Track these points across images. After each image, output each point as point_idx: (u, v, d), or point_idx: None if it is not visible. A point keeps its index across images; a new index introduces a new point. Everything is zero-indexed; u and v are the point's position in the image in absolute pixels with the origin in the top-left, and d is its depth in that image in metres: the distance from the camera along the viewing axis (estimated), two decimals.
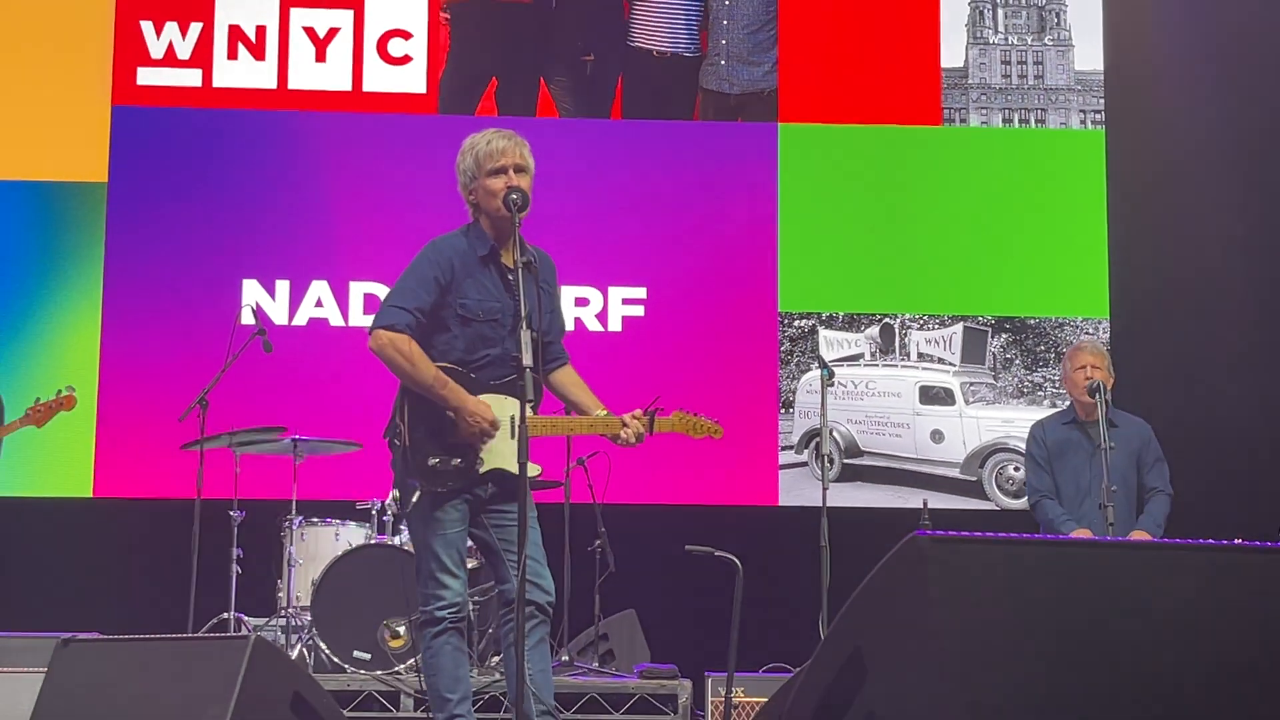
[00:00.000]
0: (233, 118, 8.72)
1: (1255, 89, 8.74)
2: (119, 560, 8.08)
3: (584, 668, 7.41)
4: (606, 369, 7.94)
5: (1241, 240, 8.64)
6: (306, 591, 7.27)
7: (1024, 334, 8.79)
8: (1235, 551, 3.06)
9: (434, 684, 5.25)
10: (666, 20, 8.95)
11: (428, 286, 5.21)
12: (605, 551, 7.50)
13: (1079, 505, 6.90)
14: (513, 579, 4.96)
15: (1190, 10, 8.94)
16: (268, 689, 4.51)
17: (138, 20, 8.75)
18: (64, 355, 8.45)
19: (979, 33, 9.04)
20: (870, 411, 8.73)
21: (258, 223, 8.64)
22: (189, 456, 7.39)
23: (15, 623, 7.19)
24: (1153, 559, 3.00)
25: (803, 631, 6.95)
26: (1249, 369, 8.21)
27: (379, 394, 5.58)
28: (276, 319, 8.48)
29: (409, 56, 8.83)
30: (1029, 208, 8.87)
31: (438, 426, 5.15)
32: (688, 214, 8.77)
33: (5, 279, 8.45)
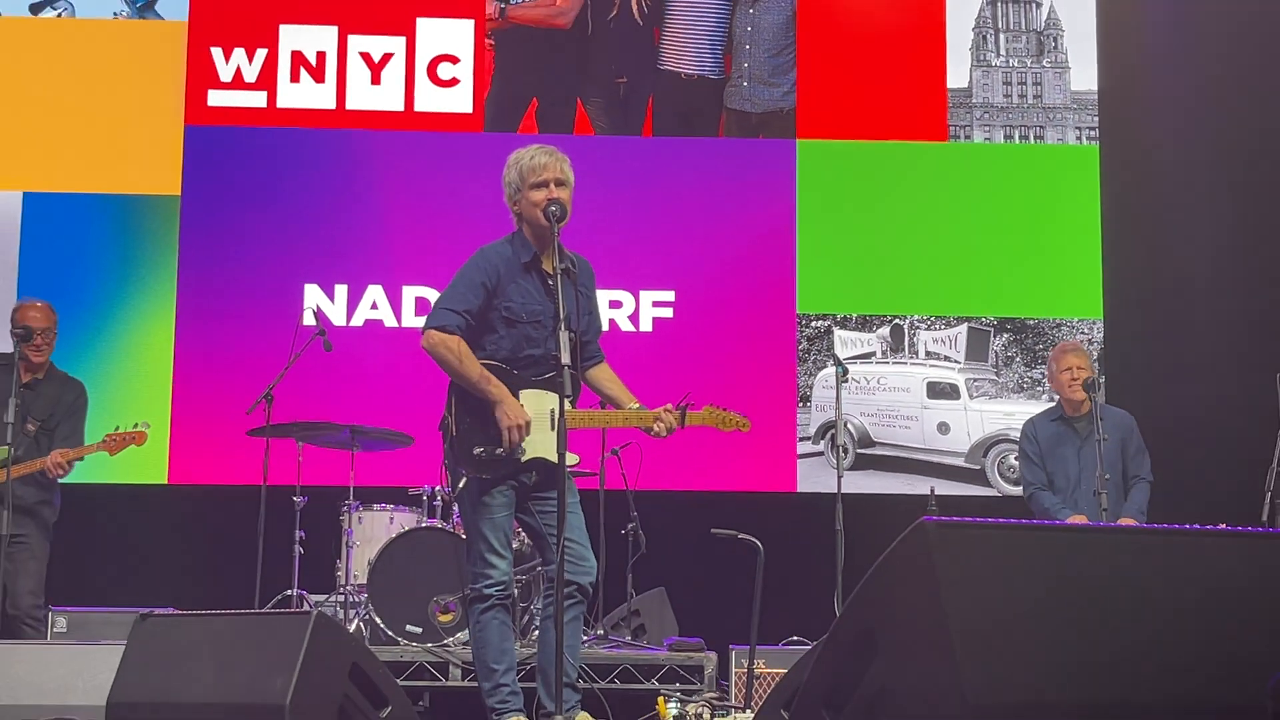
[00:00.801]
0: (295, 136, 8.74)
1: (1238, 108, 8.70)
2: (192, 541, 8.10)
3: (618, 640, 7.41)
4: (638, 367, 7.94)
5: (1225, 247, 8.60)
6: (363, 570, 7.29)
7: (1024, 334, 8.77)
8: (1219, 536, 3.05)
9: (481, 655, 5.26)
10: (693, 45, 8.95)
11: (475, 291, 5.23)
12: (637, 534, 7.51)
13: (1071, 494, 6.89)
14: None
15: (1178, 35, 8.90)
16: (328, 660, 4.52)
17: (208, 47, 8.78)
18: (141, 353, 8.49)
19: (982, 56, 9.02)
20: (881, 405, 8.72)
21: (318, 231, 8.66)
22: (256, 447, 7.41)
23: (98, 599, 7.24)
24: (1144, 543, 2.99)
25: (819, 608, 6.93)
26: (1232, 366, 8.17)
27: (429, 390, 5.59)
28: (335, 320, 8.50)
29: (456, 79, 8.85)
30: (1028, 217, 8.84)
31: (483, 419, 5.16)
32: (713, 223, 8.77)
33: (88, 283, 8.48)
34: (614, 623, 7.59)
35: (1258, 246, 8.56)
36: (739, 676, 6.71)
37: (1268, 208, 8.57)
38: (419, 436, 7.40)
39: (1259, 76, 8.69)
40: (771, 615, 6.40)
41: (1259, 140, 8.64)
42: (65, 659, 5.83)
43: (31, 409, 6.84)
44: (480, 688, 5.31)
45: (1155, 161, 8.87)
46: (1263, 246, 8.55)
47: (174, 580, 7.58)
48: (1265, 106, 8.64)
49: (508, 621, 5.29)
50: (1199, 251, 8.64)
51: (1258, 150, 8.64)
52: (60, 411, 6.97)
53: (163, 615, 5.07)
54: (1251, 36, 8.72)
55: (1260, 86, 8.67)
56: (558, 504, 4.91)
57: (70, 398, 7.05)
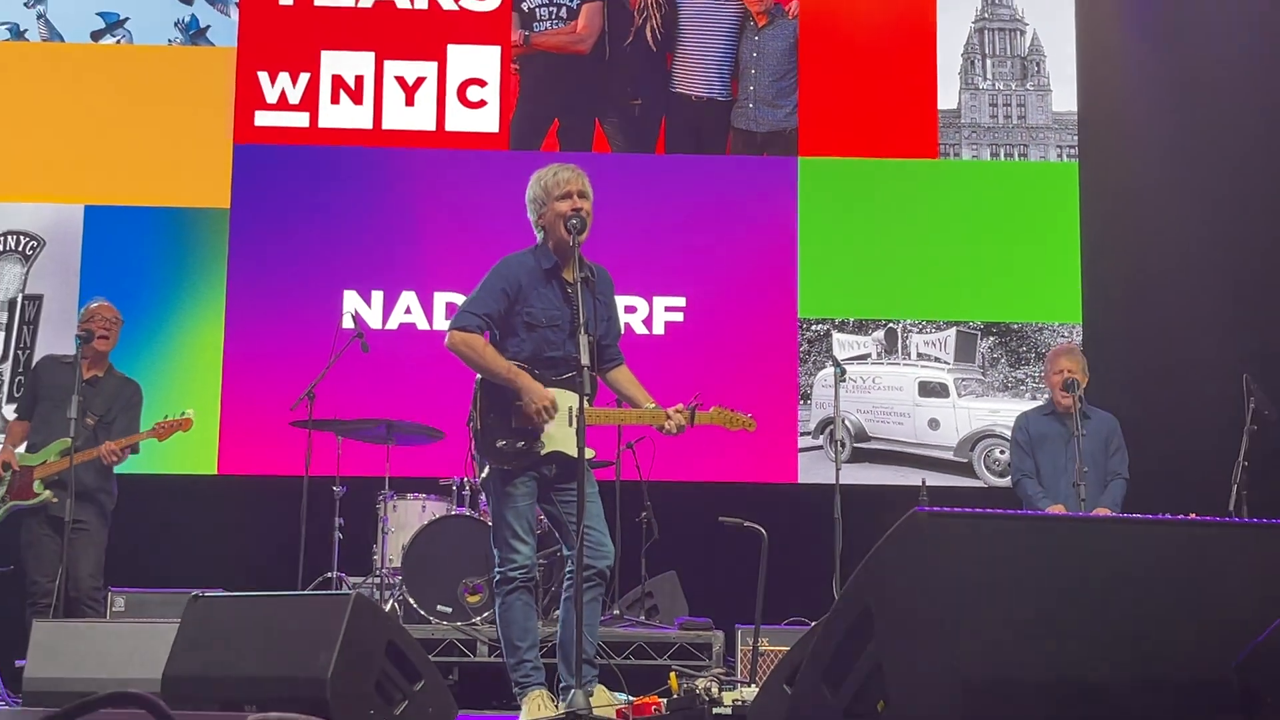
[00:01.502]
0: (335, 153, 8.76)
1: (1208, 127, 8.69)
2: (240, 527, 8.12)
3: (632, 620, 7.42)
4: (651, 367, 7.92)
5: (1195, 256, 8.59)
6: (397, 555, 7.31)
7: (1008, 337, 8.76)
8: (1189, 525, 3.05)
9: (506, 634, 5.27)
10: (703, 69, 8.95)
11: (496, 297, 5.26)
12: (650, 522, 7.52)
13: (1056, 483, 6.90)
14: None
15: (1152, 60, 8.89)
16: (366, 637, 4.53)
17: (255, 71, 8.80)
18: (193, 353, 8.51)
19: (970, 79, 9.01)
20: (876, 403, 8.71)
21: (356, 241, 8.68)
22: (299, 440, 7.43)
23: (154, 581, 7.26)
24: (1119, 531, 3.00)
25: (818, 591, 6.94)
26: (1203, 368, 8.15)
27: (458, 388, 5.60)
28: (372, 324, 8.52)
29: (484, 101, 8.86)
30: (1012, 229, 8.83)
31: (505, 414, 5.18)
32: (721, 234, 8.77)
33: (144, 288, 8.49)
34: (629, 603, 7.60)
35: (1226, 256, 8.56)
36: (745, 653, 6.72)
37: (1235, 220, 8.57)
38: (449, 431, 7.41)
39: (1227, 98, 8.68)
40: (775, 597, 6.40)
41: (1227, 157, 8.64)
42: (124, 636, 5.87)
43: (91, 405, 6.87)
44: (505, 663, 5.33)
45: (1130, 177, 8.86)
46: (1230, 256, 8.56)
47: (223, 563, 7.59)
48: (1233, 125, 8.64)
49: (531, 602, 5.30)
50: (1171, 260, 8.63)
51: (1226, 166, 8.64)
52: (117, 407, 7.00)
53: (213, 596, 5.08)
54: (1222, 60, 8.72)
55: (1228, 107, 8.67)
56: (577, 494, 4.93)
57: (127, 394, 7.08)
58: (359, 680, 4.46)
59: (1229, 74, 8.69)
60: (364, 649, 4.49)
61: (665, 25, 8.93)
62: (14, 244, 8.62)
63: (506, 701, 5.79)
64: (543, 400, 5.11)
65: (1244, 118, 8.62)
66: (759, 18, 8.99)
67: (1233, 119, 8.64)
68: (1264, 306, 8.42)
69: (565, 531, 5.32)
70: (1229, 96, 8.68)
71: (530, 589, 5.30)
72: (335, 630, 4.42)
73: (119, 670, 5.55)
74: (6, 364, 8.52)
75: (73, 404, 6.58)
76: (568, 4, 8.94)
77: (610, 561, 5.27)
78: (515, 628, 5.23)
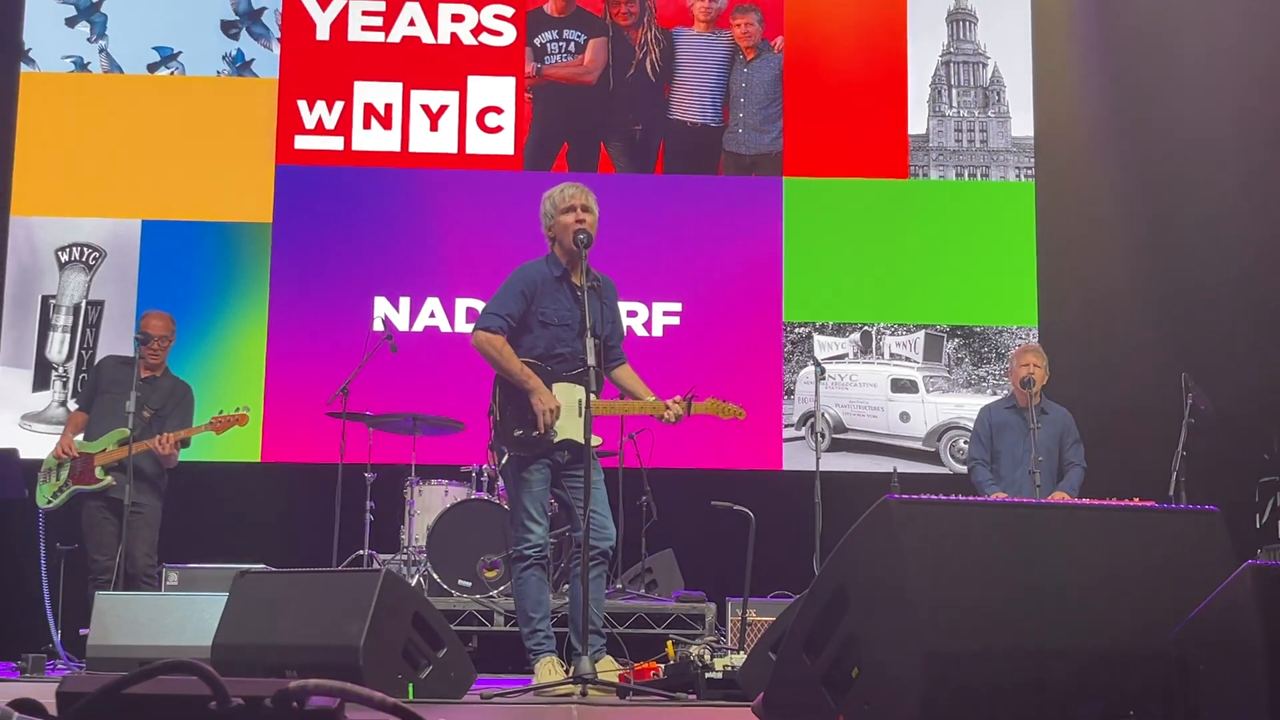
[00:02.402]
0: (367, 174, 8.77)
1: (1151, 150, 8.70)
2: (281, 509, 8.12)
3: (633, 594, 7.43)
4: (651, 366, 7.90)
5: (1139, 266, 8.59)
6: (423, 534, 7.31)
7: (972, 339, 8.77)
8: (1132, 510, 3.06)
9: (521, 606, 5.28)
10: (697, 98, 8.96)
11: (516, 299, 5.28)
12: (650, 505, 7.53)
13: (1014, 471, 6.90)
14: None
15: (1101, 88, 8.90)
16: (394, 609, 4.54)
17: (295, 100, 8.81)
18: (239, 353, 8.52)
19: (938, 107, 9.02)
20: (853, 398, 8.72)
21: (386, 253, 8.69)
22: (334, 431, 7.44)
23: (204, 557, 7.26)
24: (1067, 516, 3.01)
25: (800, 567, 6.95)
26: (1146, 367, 8.16)
27: (478, 385, 5.61)
28: (400, 326, 8.52)
29: (501, 126, 8.86)
30: (975, 241, 8.84)
31: (521, 408, 5.20)
32: (713, 246, 8.77)
33: (195, 295, 8.50)
34: (630, 579, 7.61)
35: (1167, 265, 8.57)
36: (734, 623, 6.73)
37: (1175, 232, 8.57)
38: (469, 423, 7.42)
39: (1169, 122, 8.68)
40: (761, 573, 6.42)
41: (1167, 177, 8.65)
42: (177, 607, 5.88)
43: (148, 400, 6.88)
44: (520, 632, 5.34)
45: (1081, 195, 8.88)
46: (1171, 265, 8.56)
47: (266, 542, 7.60)
48: (1173, 148, 8.64)
49: (544, 577, 5.32)
50: (1118, 269, 8.65)
51: (1166, 185, 8.64)
52: (171, 403, 7.01)
53: (257, 572, 5.10)
54: (1165, 91, 8.72)
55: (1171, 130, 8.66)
56: (584, 480, 4.94)
57: (180, 393, 7.09)
58: (388, 647, 4.48)
59: (1172, 103, 8.69)
60: (392, 619, 4.51)
61: (663, 59, 8.95)
62: (78, 255, 8.63)
63: (521, 667, 5.81)
64: (549, 404, 5.14)
65: (1184, 142, 8.63)
66: (747, 52, 9.00)
67: (1173, 143, 8.65)
68: (1199, 311, 8.42)
69: (572, 513, 5.33)
70: (1171, 123, 8.68)
71: (543, 565, 5.31)
72: (367, 603, 4.44)
73: (172, 639, 5.55)
74: (72, 362, 8.53)
75: (131, 398, 6.60)
76: (576, 39, 8.95)
77: (612, 542, 5.29)
78: (529, 600, 5.25)
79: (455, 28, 8.94)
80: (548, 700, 4.70)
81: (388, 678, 4.38)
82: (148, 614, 5.84)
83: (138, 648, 5.56)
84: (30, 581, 7.43)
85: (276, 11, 8.90)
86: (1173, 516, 3.09)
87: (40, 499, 6.83)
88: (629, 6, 8.99)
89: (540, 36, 8.95)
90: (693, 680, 4.81)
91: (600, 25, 8.98)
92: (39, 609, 7.17)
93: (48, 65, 8.82)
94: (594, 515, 5.04)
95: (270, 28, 8.89)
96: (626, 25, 8.98)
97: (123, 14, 8.86)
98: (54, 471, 6.84)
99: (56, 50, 8.83)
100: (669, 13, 9.01)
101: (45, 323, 8.56)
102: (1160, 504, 5.29)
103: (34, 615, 7.29)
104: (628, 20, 8.99)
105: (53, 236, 8.63)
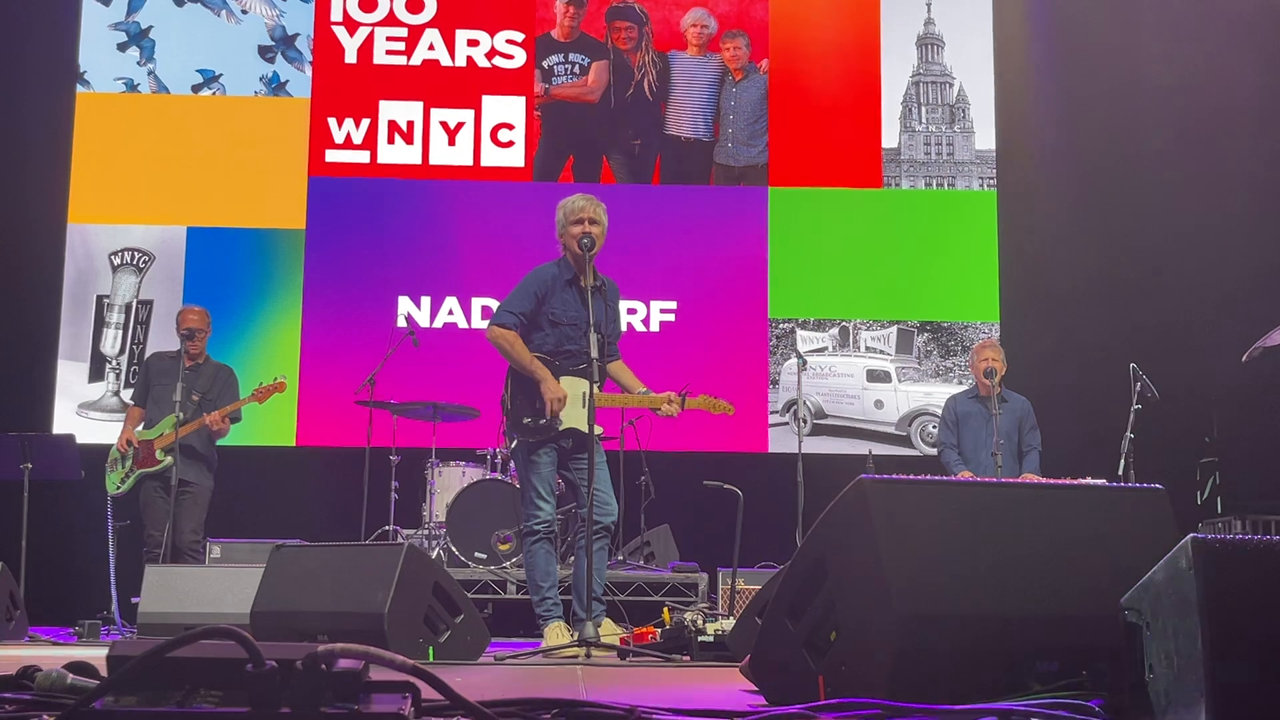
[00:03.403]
0: (390, 185, 8.76)
1: (1104, 160, 8.71)
2: (314, 489, 8.14)
3: (633, 565, 7.44)
4: (649, 357, 7.94)
5: (1092, 266, 8.60)
6: (442, 511, 7.32)
7: (939, 333, 8.76)
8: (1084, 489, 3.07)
9: (531, 576, 5.29)
10: (690, 115, 8.94)
11: (529, 299, 5.28)
12: (648, 484, 7.53)
13: (977, 455, 6.90)
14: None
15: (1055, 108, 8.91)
16: (417, 579, 4.54)
17: (326, 117, 8.80)
18: (276, 349, 8.51)
19: (909, 124, 9.00)
20: (832, 387, 8.72)
21: (408, 256, 8.68)
22: (362, 418, 7.44)
23: (244, 533, 7.28)
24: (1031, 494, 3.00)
25: (784, 540, 6.95)
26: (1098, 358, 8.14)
27: (492, 376, 5.60)
28: (421, 323, 8.52)
29: (512, 141, 8.85)
30: (943, 245, 8.83)
31: (530, 397, 5.20)
32: (705, 250, 8.76)
33: (235, 295, 8.51)
34: (630, 551, 7.62)
35: (1118, 266, 8.58)
36: (725, 591, 6.73)
37: (1126, 235, 8.58)
38: (484, 411, 7.42)
39: (1119, 136, 8.70)
40: (749, 545, 6.42)
41: (1119, 184, 8.66)
42: (219, 578, 5.89)
43: (195, 386, 6.89)
44: (530, 599, 5.34)
45: (1038, 202, 8.88)
46: (1120, 265, 8.57)
47: (300, 518, 7.61)
48: (1123, 159, 8.65)
49: (551, 550, 5.32)
50: (1073, 269, 8.64)
51: (1118, 192, 8.66)
52: (217, 387, 7.01)
53: (292, 546, 5.09)
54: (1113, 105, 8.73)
55: (1120, 143, 8.68)
56: (588, 463, 4.94)
57: (224, 375, 7.10)
58: (411, 614, 4.48)
59: (1121, 118, 8.70)
60: (415, 589, 4.51)
61: (660, 80, 8.93)
62: (129, 259, 8.63)
63: (531, 631, 5.81)
64: (556, 394, 5.14)
65: (1132, 154, 8.64)
66: (736, 73, 8.98)
67: (1122, 155, 8.66)
68: (1146, 307, 8.42)
69: (579, 493, 5.33)
70: (1120, 136, 8.69)
71: (551, 539, 5.31)
72: (391, 573, 4.44)
73: (215, 606, 5.56)
74: (124, 356, 8.53)
75: (177, 388, 6.61)
76: (580, 62, 8.94)
77: (614, 518, 5.29)
78: (538, 571, 5.25)
79: (471, 52, 8.93)
80: (555, 661, 4.70)
81: (410, 642, 4.38)
82: (193, 585, 5.85)
83: (184, 615, 5.57)
84: (85, 555, 7.45)
85: (308, 37, 8.88)
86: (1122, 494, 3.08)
87: (110, 486, 6.86)
88: (629, 32, 8.98)
89: (548, 59, 8.94)
90: (687, 643, 4.81)
91: (602, 49, 8.96)
92: (93, 580, 7.19)
93: (101, 86, 8.81)
94: (597, 493, 5.04)
95: (303, 52, 8.87)
96: (626, 49, 8.97)
97: (169, 39, 8.85)
98: (119, 462, 6.86)
99: (109, 73, 8.82)
100: (665, 38, 9.00)
101: (100, 320, 8.56)
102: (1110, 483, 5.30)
103: (89, 585, 7.31)
104: (627, 44, 8.97)
105: (106, 242, 8.62)
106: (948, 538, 2.68)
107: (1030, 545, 2.75)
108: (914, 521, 2.66)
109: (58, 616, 6.92)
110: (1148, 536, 2.75)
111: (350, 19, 8.92)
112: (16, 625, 6.07)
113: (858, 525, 2.66)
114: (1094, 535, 2.80)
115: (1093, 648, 2.54)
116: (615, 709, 2.19)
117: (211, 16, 8.87)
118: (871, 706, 2.35)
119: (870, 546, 2.61)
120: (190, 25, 8.85)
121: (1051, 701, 2.42)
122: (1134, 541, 2.75)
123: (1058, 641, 2.61)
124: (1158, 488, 2.93)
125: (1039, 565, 2.71)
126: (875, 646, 2.55)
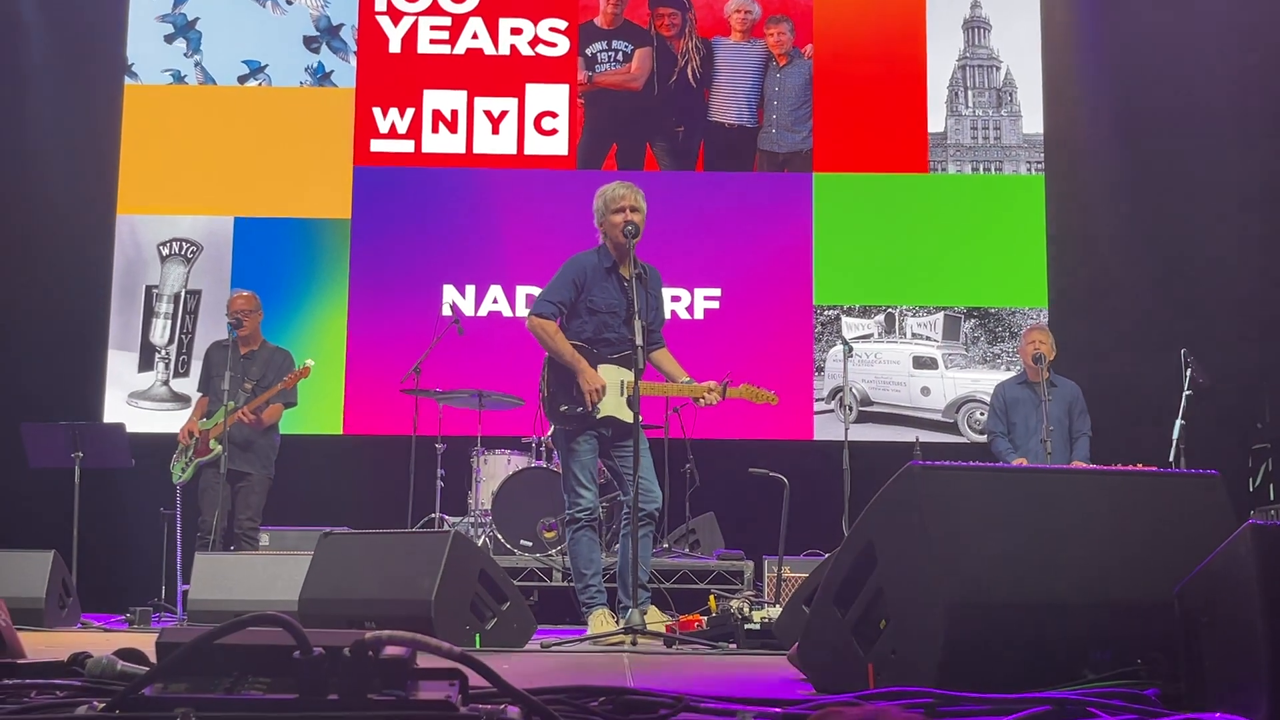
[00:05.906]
0: (435, 174, 8.77)
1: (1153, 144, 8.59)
2: (360, 476, 8.17)
3: (679, 552, 7.43)
4: (693, 345, 7.92)
5: (1140, 250, 8.50)
6: (488, 499, 7.34)
7: (987, 319, 8.68)
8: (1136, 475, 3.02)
9: (575, 564, 5.29)
10: (734, 101, 8.90)
11: (568, 288, 5.27)
12: (693, 472, 7.52)
13: (1027, 441, 6.84)
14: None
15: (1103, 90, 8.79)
16: (463, 567, 4.55)
17: (371, 107, 8.83)
18: (322, 336, 8.55)
19: (955, 107, 8.91)
20: (878, 374, 8.66)
21: (453, 244, 8.70)
22: (408, 406, 7.47)
23: (291, 521, 7.33)
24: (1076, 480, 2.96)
25: (830, 528, 6.91)
26: (1148, 343, 8.06)
27: (537, 364, 5.61)
28: (466, 311, 8.54)
29: (556, 130, 8.84)
30: (990, 230, 8.75)
31: (567, 385, 5.20)
32: (750, 237, 8.73)
33: (282, 284, 8.55)
34: (675, 539, 7.61)
35: (1167, 250, 8.48)
36: (771, 579, 6.71)
37: (1174, 220, 8.47)
38: (529, 399, 7.41)
39: (1169, 118, 8.58)
40: (794, 533, 6.40)
41: (1169, 167, 8.54)
42: (267, 565, 5.92)
43: (248, 372, 6.94)
44: (574, 587, 5.34)
45: (1086, 186, 8.78)
46: (1170, 250, 8.47)
47: (348, 506, 7.66)
48: (1173, 141, 8.53)
49: (595, 538, 5.32)
50: (1121, 253, 8.55)
51: (1168, 175, 8.54)
52: (272, 373, 7.05)
53: (339, 533, 5.12)
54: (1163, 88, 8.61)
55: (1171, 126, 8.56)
56: (632, 450, 4.93)
57: (279, 359, 7.13)
58: (457, 601, 4.49)
59: (1171, 100, 8.58)
60: (461, 576, 4.52)
61: (703, 66, 8.89)
62: (178, 249, 8.70)
63: (576, 619, 5.81)
64: (595, 384, 5.14)
65: (1183, 135, 8.52)
66: (780, 59, 8.92)
67: (1172, 137, 8.54)
68: (1197, 291, 8.32)
69: (622, 481, 5.33)
70: (1171, 119, 8.57)
71: (594, 527, 5.31)
72: (438, 561, 4.45)
73: (263, 594, 5.57)
74: (172, 346, 8.61)
75: (225, 377, 6.66)
76: (624, 49, 8.91)
77: (659, 505, 5.27)
78: (582, 559, 5.25)
79: (514, 40, 8.92)
80: (601, 649, 4.70)
81: (457, 628, 4.39)
82: (241, 572, 5.89)
83: (232, 602, 5.59)
84: (136, 542, 7.53)
85: (353, 28, 8.91)
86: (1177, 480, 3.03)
87: (174, 476, 6.96)
88: (672, 19, 8.94)
89: (591, 47, 8.91)
90: (733, 631, 4.79)
91: (646, 36, 8.93)
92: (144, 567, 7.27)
93: (148, 78, 8.88)
94: (641, 481, 5.03)
95: (348, 42, 8.90)
96: (670, 36, 8.93)
97: (215, 31, 8.90)
98: (183, 452, 6.95)
99: (156, 65, 8.88)
100: (708, 24, 8.95)
101: (149, 310, 8.64)
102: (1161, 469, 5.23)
103: (141, 572, 7.39)
104: (671, 31, 8.93)
105: (154, 232, 8.70)
106: (998, 525, 2.65)
107: (1082, 532, 2.71)
108: (964, 508, 2.63)
109: (110, 603, 7.00)
110: (1204, 523, 2.71)
111: (394, 9, 8.94)
112: (69, 612, 6.14)
113: (907, 512, 2.63)
114: (1149, 522, 2.76)
115: (1148, 636, 2.50)
116: (663, 697, 2.17)
117: (257, 8, 8.92)
118: (923, 695, 2.32)
119: (920, 534, 2.58)
120: (236, 17, 8.90)
121: (1107, 691, 2.38)
122: (1189, 528, 2.71)
123: (1112, 630, 2.56)
124: (1213, 474, 2.88)
125: (1091, 552, 2.67)
126: (925, 634, 2.52)
